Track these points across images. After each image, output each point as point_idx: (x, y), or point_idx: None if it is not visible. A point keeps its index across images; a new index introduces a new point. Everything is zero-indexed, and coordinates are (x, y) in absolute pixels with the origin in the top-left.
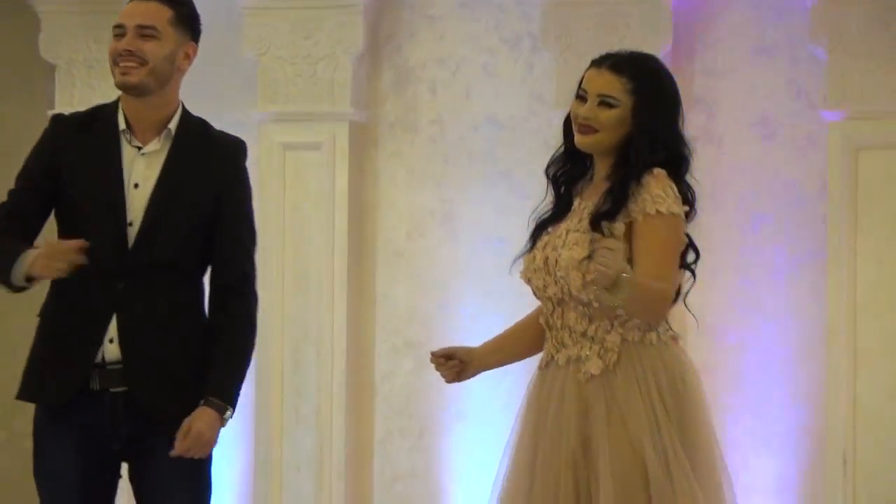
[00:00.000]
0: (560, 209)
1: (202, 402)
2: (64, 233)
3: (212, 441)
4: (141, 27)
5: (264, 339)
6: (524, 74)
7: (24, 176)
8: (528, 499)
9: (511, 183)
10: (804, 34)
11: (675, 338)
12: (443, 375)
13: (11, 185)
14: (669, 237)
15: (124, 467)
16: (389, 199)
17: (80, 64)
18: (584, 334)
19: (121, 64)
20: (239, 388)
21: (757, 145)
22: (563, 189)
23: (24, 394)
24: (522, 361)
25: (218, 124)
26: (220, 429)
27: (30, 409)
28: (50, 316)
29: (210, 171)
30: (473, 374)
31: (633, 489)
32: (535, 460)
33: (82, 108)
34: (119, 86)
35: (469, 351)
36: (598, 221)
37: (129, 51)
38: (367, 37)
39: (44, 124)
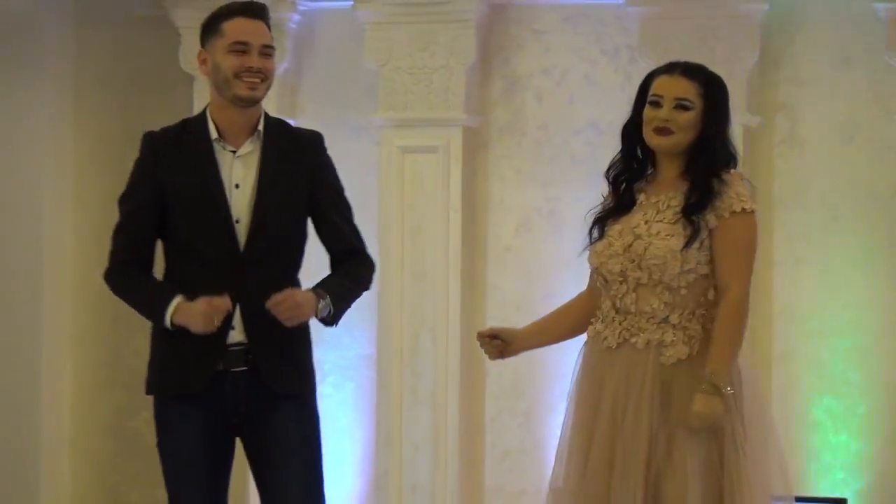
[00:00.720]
0: (623, 205)
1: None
2: (171, 242)
3: (301, 310)
4: (265, 46)
5: (385, 326)
6: (623, 83)
7: (131, 197)
8: (592, 475)
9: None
10: (881, 45)
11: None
12: (486, 353)
13: None
14: (752, 235)
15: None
16: (499, 197)
17: None
18: (665, 320)
19: (247, 79)
20: (344, 298)
21: (837, 148)
22: (623, 188)
23: (155, 388)
24: None
25: (342, 129)
26: (313, 308)
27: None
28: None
29: (300, 163)
30: (515, 353)
31: (711, 458)
32: (595, 438)
33: None
34: (244, 99)
35: (512, 332)
36: (690, 212)
37: (259, 68)
38: (479, 49)
39: None
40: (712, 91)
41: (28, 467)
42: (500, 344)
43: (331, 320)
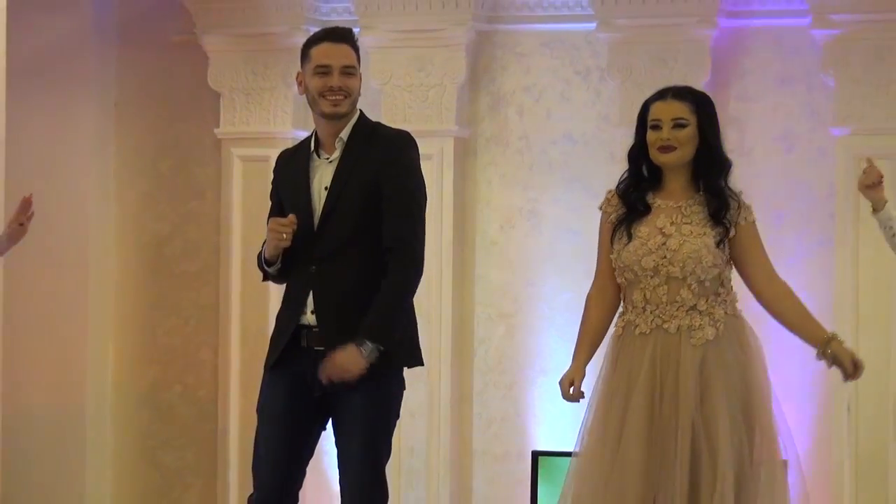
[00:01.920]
0: (639, 212)
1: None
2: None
3: (346, 369)
4: (346, 67)
5: None
6: (593, 99)
7: (271, 210)
8: (630, 445)
9: (582, 185)
10: (816, 66)
11: (741, 312)
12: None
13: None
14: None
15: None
16: (485, 198)
17: (239, 92)
18: (694, 307)
19: (329, 97)
20: (388, 325)
21: (779, 156)
22: (636, 196)
23: (265, 360)
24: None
25: None
26: (357, 361)
27: (199, 365)
28: (282, 299)
29: (371, 161)
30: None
31: (738, 429)
32: (638, 408)
33: (243, 128)
34: (328, 115)
35: (581, 376)
36: (720, 212)
37: (340, 87)
38: (468, 70)
39: (211, 141)
40: (702, 107)
41: (76, 434)
42: (582, 393)
43: (388, 348)
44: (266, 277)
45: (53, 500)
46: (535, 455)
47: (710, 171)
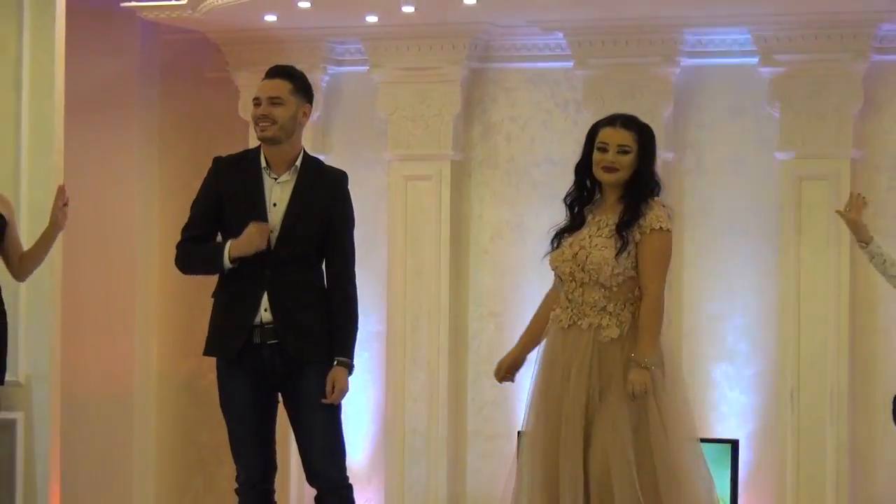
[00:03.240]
0: (576, 223)
1: (335, 362)
2: (224, 238)
3: (346, 389)
4: (272, 98)
5: (392, 310)
6: (571, 128)
7: (198, 204)
8: (547, 422)
9: (561, 202)
10: (763, 99)
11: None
12: (501, 380)
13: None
14: (666, 248)
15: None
16: (478, 213)
17: None
18: (603, 308)
19: (259, 124)
20: (352, 346)
21: (731, 176)
22: (576, 210)
23: (209, 351)
24: None
25: (361, 162)
26: (346, 377)
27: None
28: (222, 297)
29: (324, 194)
30: (521, 367)
31: (638, 411)
32: (554, 392)
33: None
34: (260, 139)
35: (515, 360)
36: (623, 228)
37: (264, 115)
38: (463, 102)
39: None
40: (644, 137)
41: (124, 416)
42: (512, 375)
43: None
44: (219, 272)
45: (105, 474)
46: (521, 435)
47: (637, 191)
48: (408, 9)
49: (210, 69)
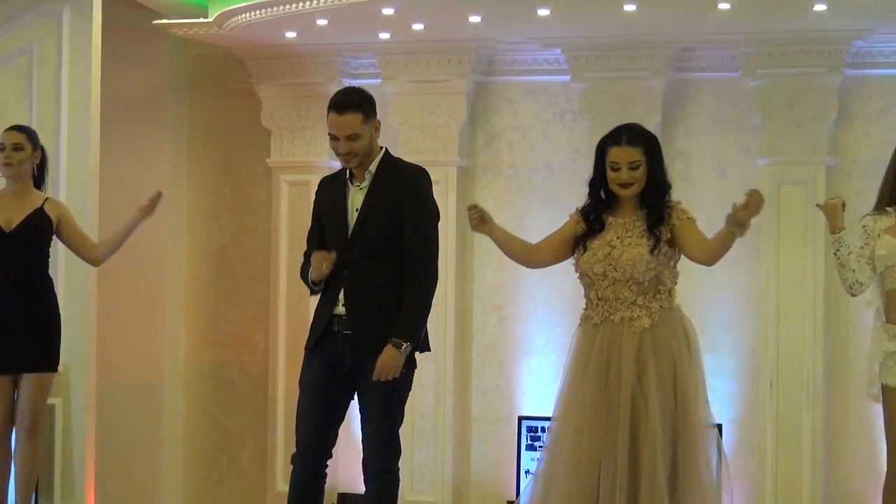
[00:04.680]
0: (596, 228)
1: (389, 341)
2: (323, 245)
3: (392, 367)
4: (349, 136)
5: None
6: (567, 136)
7: (312, 221)
8: (586, 412)
9: (558, 205)
10: (746, 109)
11: (679, 306)
12: (470, 219)
13: (245, 209)
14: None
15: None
16: None
17: (286, 129)
18: (634, 302)
19: (341, 157)
20: (417, 327)
21: (715, 181)
22: (594, 217)
23: (307, 342)
24: (568, 318)
25: None
26: (398, 359)
27: (253, 346)
28: (320, 296)
29: (394, 192)
30: (485, 232)
31: (669, 404)
32: (591, 384)
33: (289, 158)
34: (357, 168)
35: (491, 221)
36: (654, 227)
37: (348, 153)
38: (468, 112)
39: (263, 168)
40: (650, 148)
41: (154, 402)
42: (479, 215)
43: (416, 344)
44: (313, 292)
45: (136, 455)
46: (521, 419)
47: (653, 195)
48: (418, 26)
49: (235, 82)
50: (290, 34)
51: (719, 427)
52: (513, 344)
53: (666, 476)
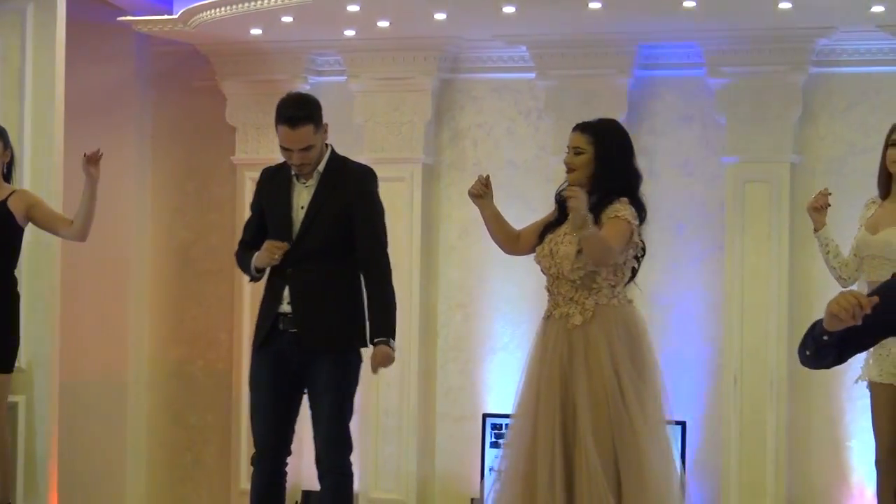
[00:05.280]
0: (560, 220)
1: (375, 343)
2: (261, 236)
3: (388, 362)
4: (302, 149)
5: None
6: (533, 134)
7: (250, 210)
8: (527, 406)
9: (523, 202)
10: (711, 107)
11: (630, 301)
12: (472, 188)
13: (209, 207)
14: (622, 229)
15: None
16: (447, 212)
17: (251, 126)
18: (571, 298)
19: (299, 168)
20: (393, 324)
21: (680, 179)
22: (559, 207)
23: (254, 341)
24: (532, 316)
25: None
26: (391, 353)
27: (217, 344)
28: (263, 293)
29: (343, 191)
30: (483, 207)
31: (601, 400)
32: (540, 381)
33: (254, 155)
34: (296, 174)
35: (491, 198)
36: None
37: (300, 164)
38: (433, 110)
39: (228, 166)
40: (601, 138)
41: (118, 399)
42: (483, 191)
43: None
44: (253, 279)
45: (101, 453)
46: (485, 417)
47: (601, 191)
48: (383, 23)
49: (199, 79)
50: (256, 31)
51: (683, 424)
52: (477, 341)
53: (603, 474)
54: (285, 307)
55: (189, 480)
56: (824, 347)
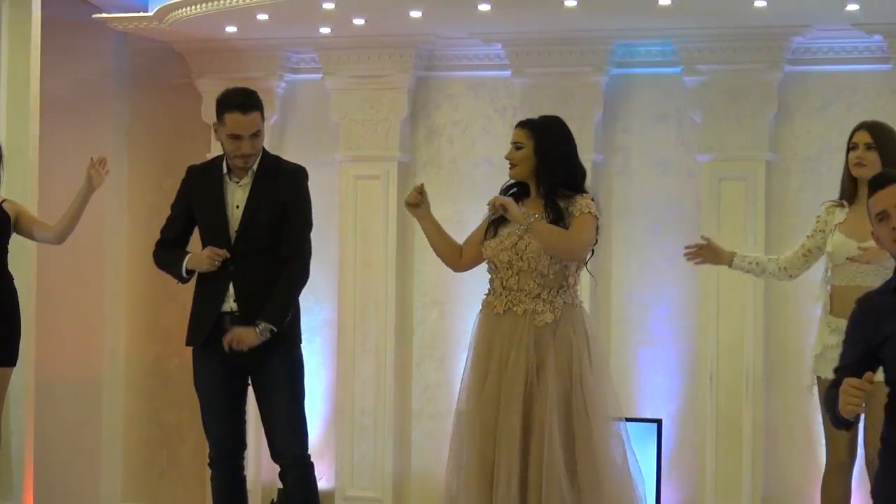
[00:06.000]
0: (504, 217)
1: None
2: (184, 233)
3: (242, 341)
4: (253, 134)
5: (343, 299)
6: (508, 132)
7: (173, 208)
8: (485, 402)
9: None
10: (687, 106)
11: (581, 303)
12: (408, 197)
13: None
14: (592, 224)
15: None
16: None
17: None
18: (538, 295)
19: (241, 159)
20: (279, 312)
21: (656, 177)
22: (510, 196)
23: (187, 340)
24: None
25: (315, 163)
26: (253, 337)
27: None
28: (196, 292)
29: (279, 190)
30: (418, 216)
31: (566, 398)
32: (488, 376)
33: None
34: (240, 168)
35: (428, 209)
36: (555, 222)
37: (251, 154)
38: (409, 107)
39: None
40: (539, 133)
41: (94, 397)
42: (417, 200)
43: (278, 328)
44: (181, 281)
45: (76, 451)
46: (457, 414)
47: (545, 184)
48: (359, 21)
49: (175, 76)
50: (231, 29)
51: (659, 422)
52: (453, 339)
53: (565, 470)
54: (231, 305)
55: (165, 478)
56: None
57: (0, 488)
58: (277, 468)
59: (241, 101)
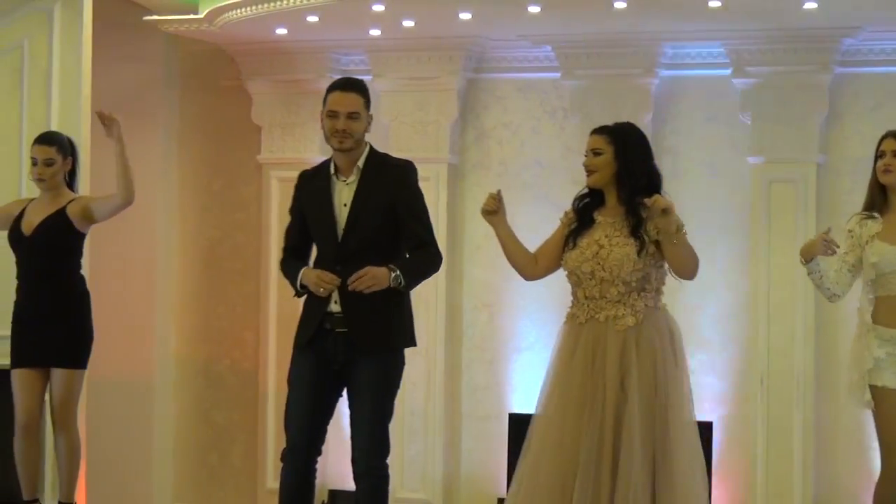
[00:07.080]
0: (586, 224)
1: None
2: (304, 240)
3: (376, 280)
4: (351, 113)
5: None
6: (558, 133)
7: (291, 213)
8: (567, 407)
9: (549, 202)
10: (736, 108)
11: (664, 305)
12: (484, 204)
13: (235, 206)
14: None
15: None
16: (472, 212)
17: (277, 126)
18: (619, 301)
19: (337, 137)
20: (413, 272)
21: (705, 179)
22: (585, 212)
23: (296, 341)
24: (558, 316)
25: None
26: (387, 279)
27: (244, 343)
28: (308, 294)
29: (385, 187)
30: (495, 224)
31: (651, 399)
32: (576, 381)
33: (279, 155)
34: (336, 149)
35: (504, 215)
36: (636, 231)
37: (345, 130)
38: (459, 109)
39: (254, 165)
40: (619, 139)
41: (145, 398)
42: (496, 208)
43: (404, 288)
44: (297, 294)
45: (127, 453)
46: (511, 416)
47: (626, 192)
48: (408, 23)
49: (225, 78)
50: (281, 31)
51: (709, 425)
52: (503, 341)
53: (645, 475)
54: (334, 307)
55: (216, 479)
56: None
57: (52, 490)
58: (342, 471)
59: (342, 82)
